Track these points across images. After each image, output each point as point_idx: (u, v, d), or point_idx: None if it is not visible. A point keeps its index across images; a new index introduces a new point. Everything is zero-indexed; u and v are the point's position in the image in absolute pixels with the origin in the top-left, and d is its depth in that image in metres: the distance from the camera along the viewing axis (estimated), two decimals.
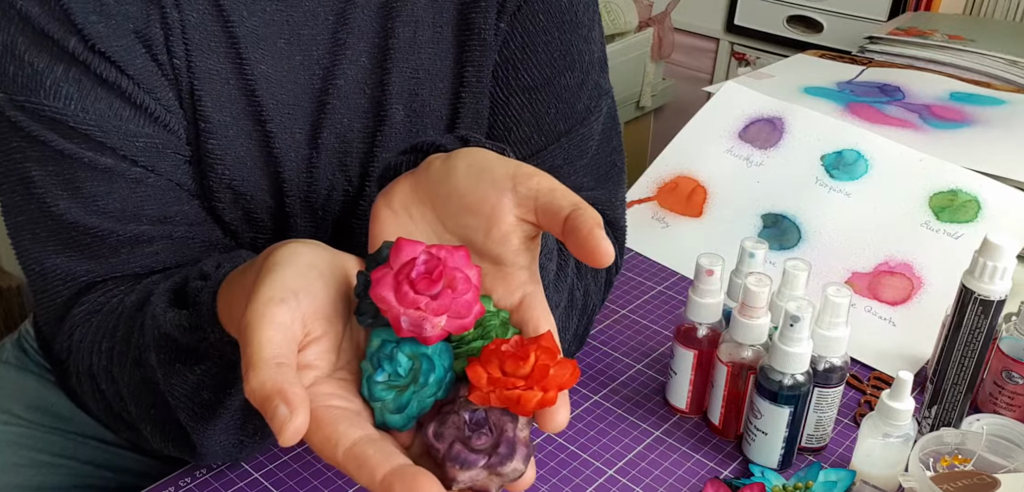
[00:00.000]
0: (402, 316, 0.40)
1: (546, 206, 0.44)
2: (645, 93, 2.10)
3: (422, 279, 0.40)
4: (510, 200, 0.44)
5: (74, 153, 0.58)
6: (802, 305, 0.65)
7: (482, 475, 0.40)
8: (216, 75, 0.62)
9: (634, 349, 0.85)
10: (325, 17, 0.65)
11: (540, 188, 0.44)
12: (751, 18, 1.96)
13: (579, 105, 0.73)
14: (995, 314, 0.66)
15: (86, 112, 0.57)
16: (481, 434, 0.41)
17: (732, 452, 0.72)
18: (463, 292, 0.41)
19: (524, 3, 0.69)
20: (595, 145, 0.75)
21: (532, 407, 0.40)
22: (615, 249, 0.76)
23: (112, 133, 0.58)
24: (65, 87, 0.57)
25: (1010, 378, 0.72)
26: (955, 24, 1.55)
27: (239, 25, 0.62)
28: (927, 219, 0.94)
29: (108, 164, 0.58)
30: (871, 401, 0.78)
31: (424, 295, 0.40)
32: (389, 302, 0.40)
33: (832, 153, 1.03)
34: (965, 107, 1.20)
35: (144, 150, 0.59)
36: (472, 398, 0.41)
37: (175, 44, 0.60)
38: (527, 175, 0.45)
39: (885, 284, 0.90)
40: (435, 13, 0.68)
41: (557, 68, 0.71)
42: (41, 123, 0.57)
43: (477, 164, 0.46)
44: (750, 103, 1.13)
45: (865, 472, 0.67)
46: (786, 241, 0.97)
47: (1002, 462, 0.64)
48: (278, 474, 0.67)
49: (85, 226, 0.59)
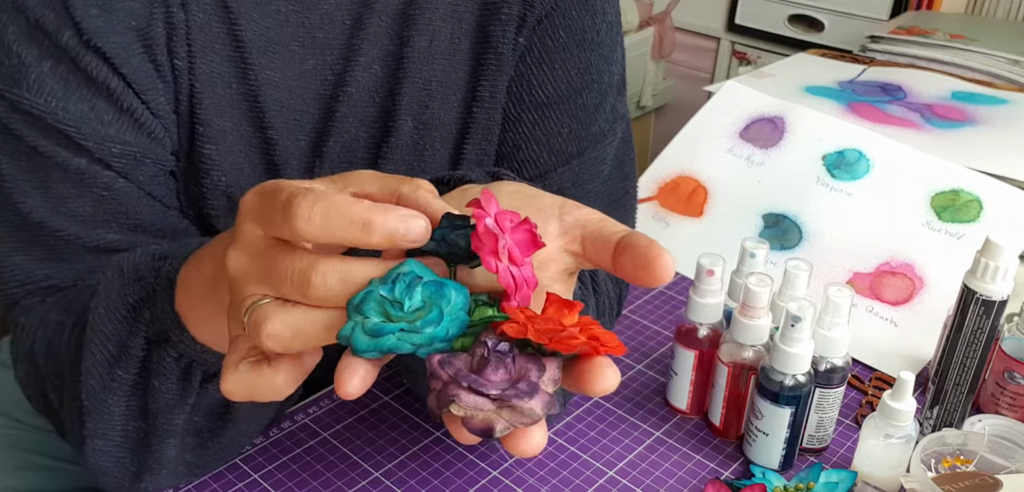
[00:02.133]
0: (501, 263, 0.37)
1: (595, 234, 0.42)
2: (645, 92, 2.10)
3: (522, 244, 0.38)
4: (555, 227, 0.43)
5: (48, 151, 0.56)
6: (803, 305, 0.64)
7: (488, 406, 0.37)
8: (218, 78, 0.61)
9: (634, 349, 0.85)
10: (342, 21, 0.63)
11: (589, 218, 0.43)
12: (752, 17, 1.96)
13: (594, 127, 0.71)
14: (997, 314, 0.66)
15: (67, 111, 0.56)
16: (499, 367, 0.37)
17: (733, 453, 0.72)
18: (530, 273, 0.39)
19: (544, 18, 0.67)
20: (607, 170, 0.73)
21: (575, 345, 0.37)
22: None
23: (90, 135, 0.57)
24: (50, 83, 0.55)
25: (1012, 379, 0.72)
26: (957, 23, 1.55)
27: (246, 29, 0.61)
28: (929, 219, 0.93)
29: (81, 166, 0.57)
30: (872, 402, 0.77)
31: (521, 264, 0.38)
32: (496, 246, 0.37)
33: (833, 153, 1.03)
34: (967, 106, 1.19)
35: (121, 156, 0.58)
36: (506, 328, 0.37)
37: (178, 45, 0.59)
38: (574, 206, 0.44)
39: (886, 284, 0.90)
40: (453, 24, 0.66)
41: (573, 87, 0.69)
42: (19, 116, 0.56)
43: (523, 192, 0.45)
44: (751, 102, 1.13)
45: (866, 473, 0.67)
46: (787, 241, 0.96)
47: (1004, 463, 0.63)
48: (277, 475, 0.67)
49: (51, 227, 0.58)
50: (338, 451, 0.69)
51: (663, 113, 2.20)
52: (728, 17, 2.00)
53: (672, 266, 0.40)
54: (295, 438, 0.70)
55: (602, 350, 0.38)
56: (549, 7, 0.67)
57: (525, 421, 0.37)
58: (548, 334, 0.37)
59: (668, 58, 2.14)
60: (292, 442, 0.70)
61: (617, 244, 0.41)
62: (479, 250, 0.38)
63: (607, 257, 0.41)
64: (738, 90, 1.16)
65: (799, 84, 1.24)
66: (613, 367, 0.39)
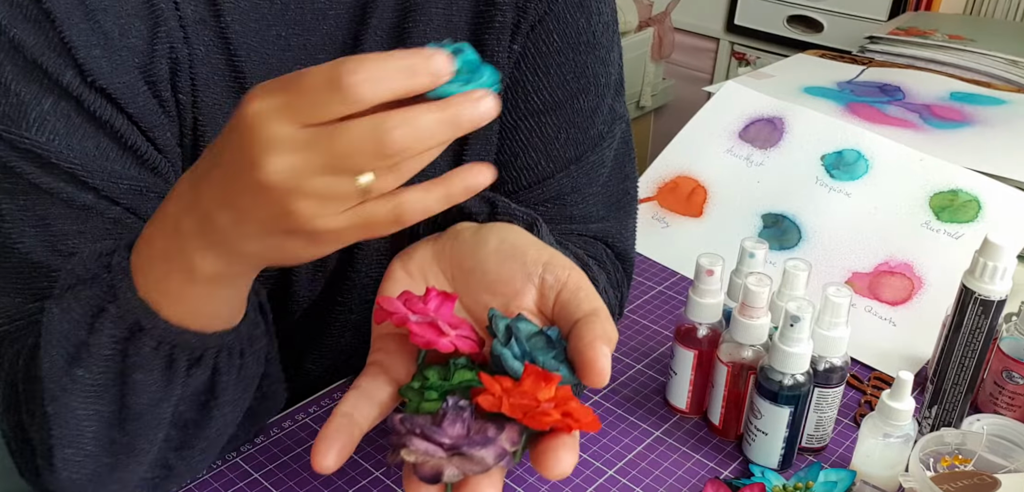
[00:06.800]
0: (412, 316, 0.40)
1: (566, 302, 0.42)
2: (645, 93, 2.10)
3: (433, 298, 0.41)
4: (533, 290, 0.44)
5: (51, 188, 0.54)
6: (802, 305, 0.64)
7: (438, 453, 0.38)
8: (220, 110, 0.60)
9: (634, 349, 0.85)
10: (343, 41, 0.63)
11: (567, 282, 0.43)
12: (751, 18, 1.96)
13: (592, 130, 0.70)
14: (995, 314, 0.66)
15: (71, 149, 0.54)
16: (457, 420, 0.39)
17: (732, 452, 0.72)
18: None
19: (538, 22, 0.67)
20: (607, 172, 0.72)
21: (548, 422, 0.38)
22: (624, 280, 0.75)
23: (96, 173, 0.55)
24: (52, 121, 0.54)
25: (1010, 378, 0.72)
26: (955, 24, 1.55)
27: (246, 59, 0.60)
28: (927, 219, 0.94)
29: (88, 202, 0.55)
30: (871, 401, 0.78)
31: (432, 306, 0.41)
32: (397, 307, 0.40)
33: (832, 153, 1.03)
34: (965, 107, 1.20)
35: (127, 192, 0.56)
36: (481, 401, 0.39)
37: (182, 80, 0.58)
38: (559, 266, 0.44)
39: (885, 284, 0.90)
40: (448, 36, 0.66)
41: (570, 91, 0.68)
42: (19, 155, 0.54)
43: (509, 243, 0.45)
44: (750, 103, 1.13)
45: (865, 472, 0.67)
46: (786, 241, 0.96)
47: (1002, 462, 0.64)
48: (278, 474, 0.67)
49: (49, 266, 0.55)
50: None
51: (662, 113, 2.20)
52: (727, 18, 2.00)
53: (605, 374, 0.40)
54: (296, 438, 0.70)
55: (574, 427, 0.39)
56: (543, 11, 0.66)
57: (475, 469, 0.38)
58: (522, 409, 0.38)
59: (667, 59, 2.14)
60: (293, 442, 0.70)
61: (576, 322, 0.41)
62: (430, 345, 0.40)
63: (567, 329, 0.42)
64: (737, 90, 1.16)
65: (798, 85, 1.25)
66: (572, 450, 0.39)
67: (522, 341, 0.40)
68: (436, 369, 0.41)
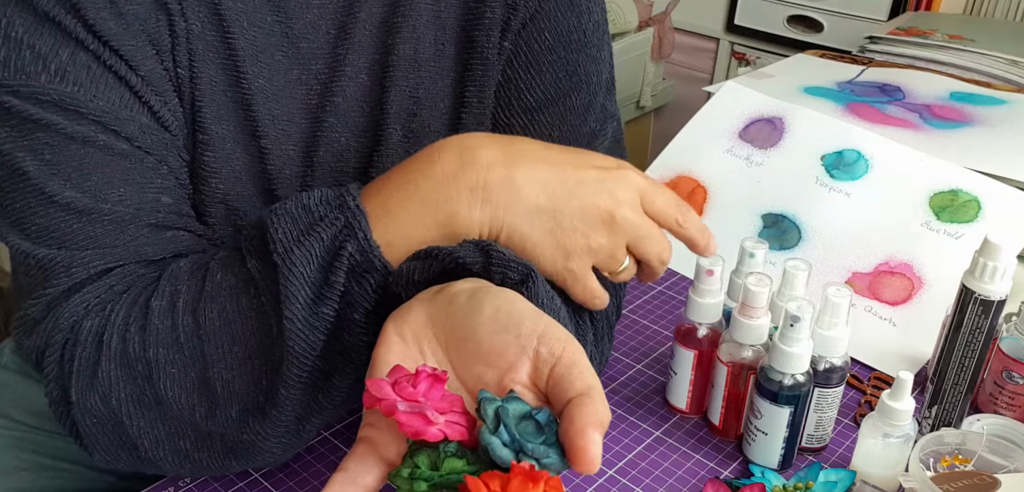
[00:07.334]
0: (399, 403, 0.40)
1: (560, 378, 0.42)
2: (645, 93, 2.10)
3: (424, 381, 0.41)
4: (528, 363, 0.43)
5: (86, 136, 0.54)
6: (802, 305, 0.64)
7: None
8: (216, 86, 0.60)
9: (634, 349, 0.85)
10: (326, 30, 0.63)
11: (562, 356, 0.42)
12: (751, 18, 1.96)
13: (584, 128, 0.70)
14: (995, 314, 0.66)
15: (96, 98, 0.54)
16: None
17: (732, 452, 0.72)
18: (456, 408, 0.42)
19: (529, 20, 0.67)
20: None
21: None
22: (616, 292, 0.75)
23: (126, 122, 0.55)
24: (73, 71, 0.53)
25: (1010, 378, 0.72)
26: (955, 24, 1.55)
27: (239, 36, 0.60)
28: (927, 219, 0.94)
29: (125, 150, 0.55)
30: (871, 401, 0.78)
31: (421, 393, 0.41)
32: (386, 393, 0.40)
33: (832, 153, 1.03)
34: (965, 107, 1.19)
35: (156, 144, 0.57)
36: None
37: (180, 53, 0.58)
38: (554, 339, 0.43)
39: (885, 284, 0.90)
40: (437, 31, 0.66)
41: (562, 89, 0.69)
42: (43, 108, 0.53)
43: (505, 311, 0.44)
44: (750, 103, 1.13)
45: (865, 472, 0.67)
46: (786, 241, 0.96)
47: (1002, 462, 0.64)
48: (278, 474, 0.67)
49: (99, 212, 0.55)
50: (339, 451, 0.69)
51: (662, 113, 2.20)
52: (727, 18, 2.00)
53: (594, 462, 0.40)
54: None
55: None
56: (533, 10, 0.67)
57: None
58: None
59: (667, 59, 2.14)
60: None
61: (569, 401, 0.41)
62: (418, 435, 0.40)
63: (559, 406, 0.42)
64: (737, 90, 1.16)
65: (798, 84, 1.25)
66: None
67: (511, 427, 0.40)
68: (426, 455, 0.41)
